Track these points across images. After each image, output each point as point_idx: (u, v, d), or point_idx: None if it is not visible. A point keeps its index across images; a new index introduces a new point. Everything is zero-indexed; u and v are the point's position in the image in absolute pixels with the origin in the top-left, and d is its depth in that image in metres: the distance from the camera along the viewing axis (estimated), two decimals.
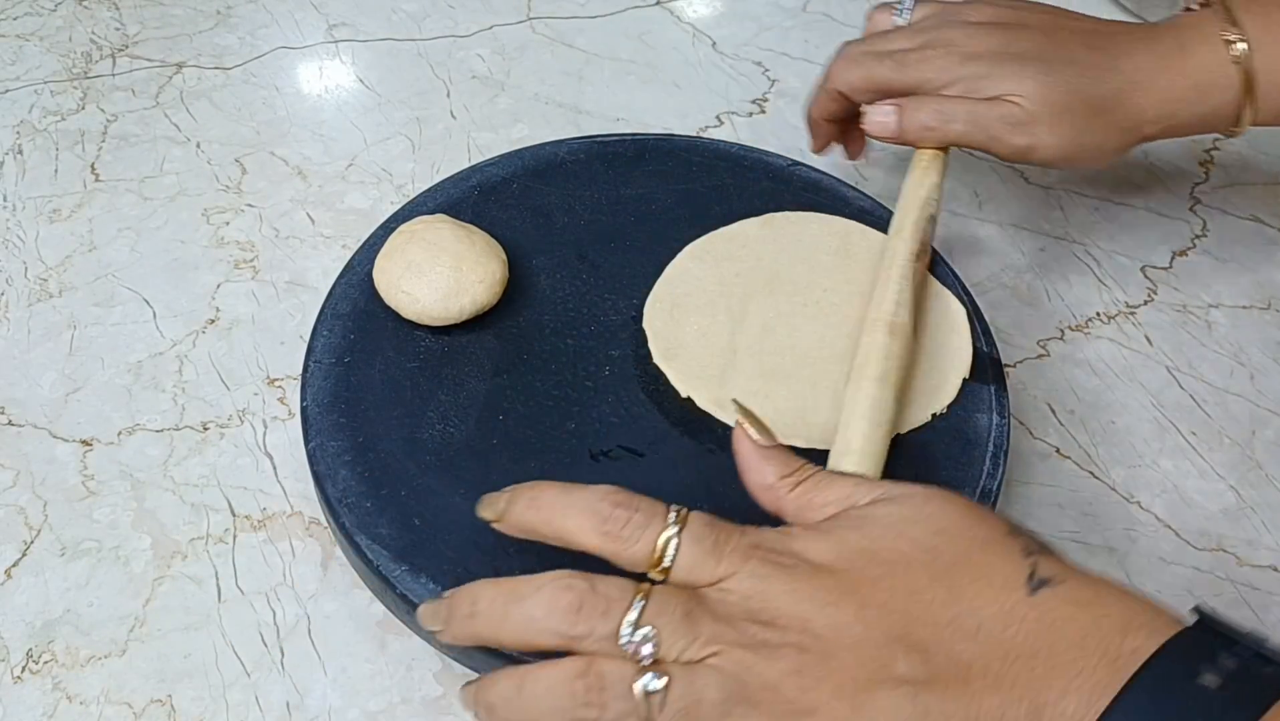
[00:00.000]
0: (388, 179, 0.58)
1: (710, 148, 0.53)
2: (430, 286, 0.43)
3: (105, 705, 0.39)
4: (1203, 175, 0.60)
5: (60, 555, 0.43)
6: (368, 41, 0.67)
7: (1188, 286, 0.55)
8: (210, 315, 0.52)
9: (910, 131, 0.47)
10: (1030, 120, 0.45)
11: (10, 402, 0.48)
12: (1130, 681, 0.26)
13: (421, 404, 0.42)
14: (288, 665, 0.40)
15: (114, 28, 0.68)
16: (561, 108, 0.63)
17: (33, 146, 0.60)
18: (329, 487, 0.39)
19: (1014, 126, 0.45)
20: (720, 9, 0.71)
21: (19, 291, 0.53)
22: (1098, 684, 0.27)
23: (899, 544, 0.31)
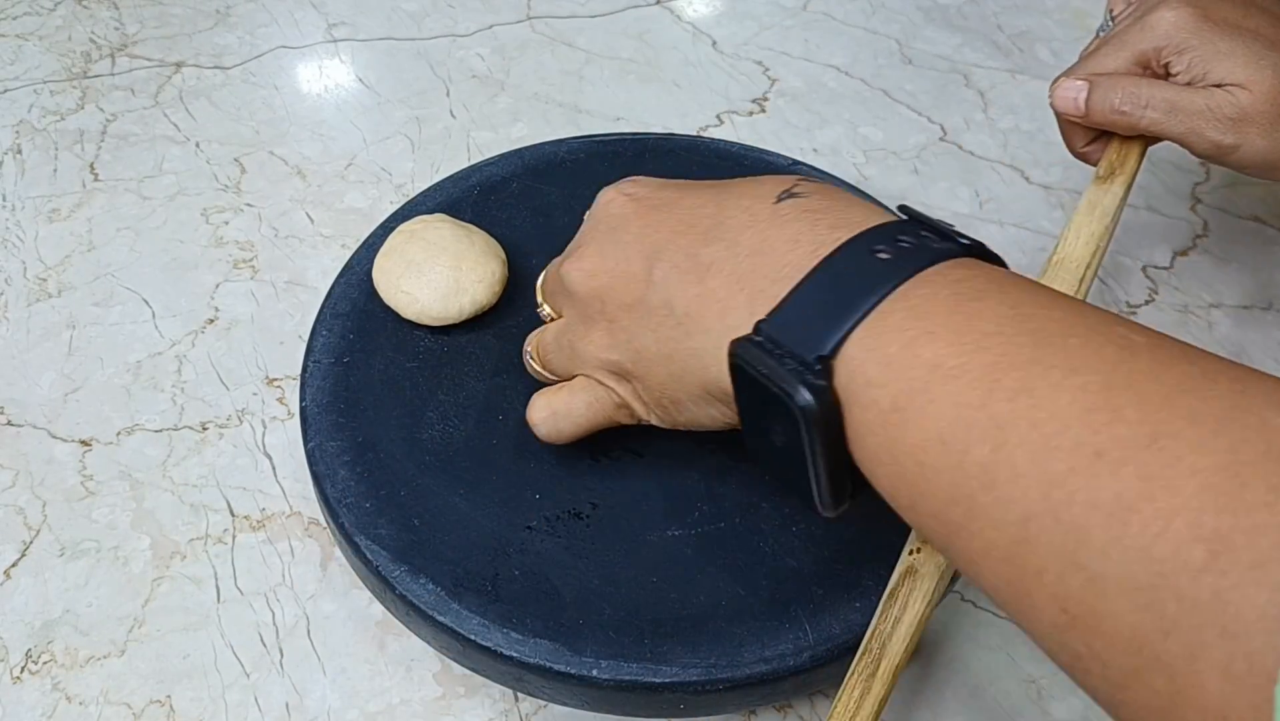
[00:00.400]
0: (387, 178, 0.58)
1: (710, 147, 0.53)
2: (430, 286, 0.43)
3: (104, 705, 0.39)
4: (1204, 175, 0.60)
5: (59, 555, 0.43)
6: (367, 41, 0.67)
7: (1189, 286, 0.55)
8: (209, 315, 0.52)
9: (1097, 113, 0.43)
10: (1243, 117, 0.40)
11: (9, 402, 0.48)
12: (819, 262, 0.29)
13: (421, 404, 0.42)
14: (287, 666, 0.40)
15: (113, 27, 0.67)
16: (561, 107, 0.63)
17: (32, 146, 0.60)
18: (328, 488, 0.39)
19: (1223, 122, 0.41)
20: (720, 8, 0.71)
21: (18, 291, 0.52)
22: (799, 269, 0.30)
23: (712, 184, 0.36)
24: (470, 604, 0.36)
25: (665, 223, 0.34)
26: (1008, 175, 0.60)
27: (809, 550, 0.38)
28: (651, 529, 0.39)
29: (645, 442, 0.41)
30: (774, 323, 0.29)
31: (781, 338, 0.29)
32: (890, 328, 0.27)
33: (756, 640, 0.36)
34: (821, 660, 0.35)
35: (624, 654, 0.35)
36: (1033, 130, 0.63)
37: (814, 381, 0.28)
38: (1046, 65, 0.67)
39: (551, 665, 0.35)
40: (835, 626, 0.36)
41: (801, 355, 0.28)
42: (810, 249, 0.30)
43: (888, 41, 0.69)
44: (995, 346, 0.26)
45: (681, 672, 0.35)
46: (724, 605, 0.37)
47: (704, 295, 0.32)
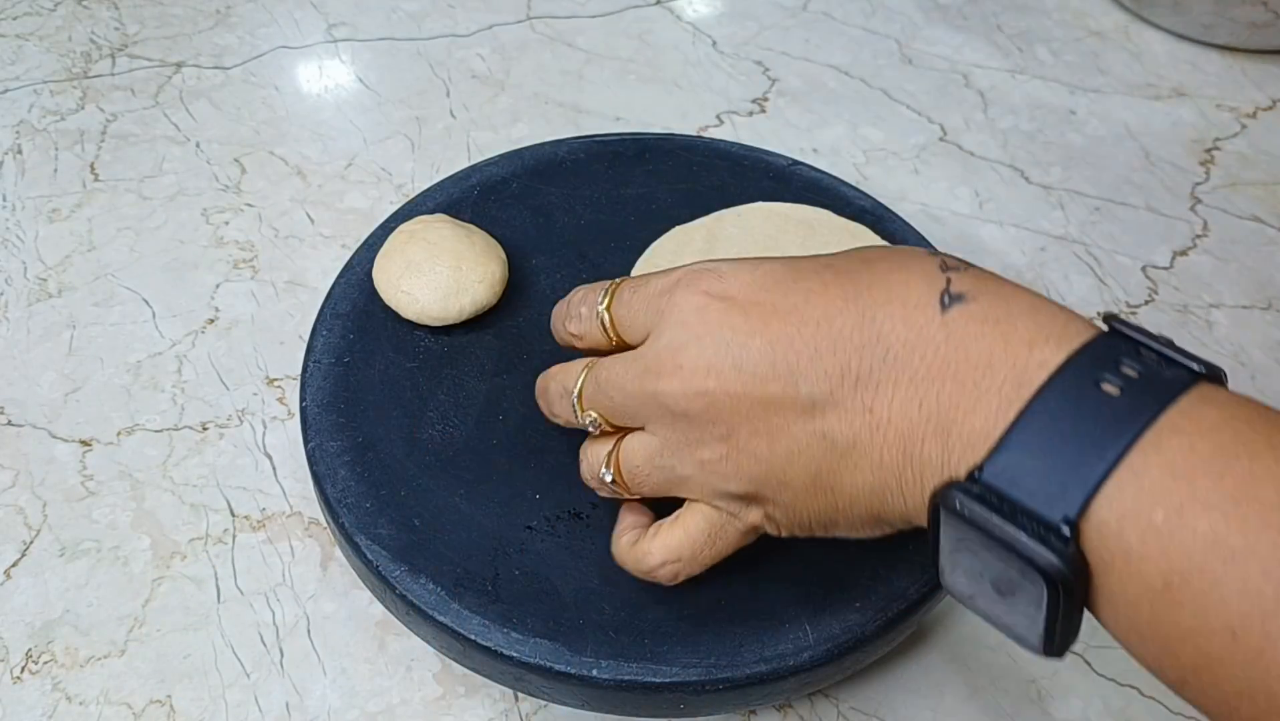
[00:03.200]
0: (387, 178, 0.58)
1: (710, 147, 0.53)
2: (430, 286, 0.43)
3: (105, 705, 0.39)
4: (1203, 175, 0.60)
5: (60, 555, 0.43)
6: (367, 41, 0.67)
7: (1188, 286, 0.55)
8: (209, 315, 0.52)
9: None
10: None
11: (9, 402, 0.48)
12: (1034, 396, 0.26)
13: (421, 404, 0.42)
14: (287, 665, 0.40)
15: (113, 27, 0.67)
16: (561, 107, 0.63)
17: (32, 146, 0.60)
18: (328, 488, 0.39)
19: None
20: (720, 8, 0.71)
21: (18, 291, 0.52)
22: (1004, 400, 0.26)
23: (817, 270, 0.31)
24: (470, 604, 0.36)
25: (800, 338, 0.30)
26: (1008, 175, 0.60)
27: (809, 550, 0.38)
28: None
29: None
30: (994, 472, 0.26)
31: (1010, 491, 0.25)
32: (1148, 489, 0.24)
33: (756, 640, 0.36)
34: (821, 660, 0.35)
35: (624, 654, 0.35)
36: (1033, 130, 0.63)
37: (1061, 548, 0.24)
38: (1046, 65, 0.67)
39: (551, 665, 0.35)
40: (835, 626, 0.36)
41: (1041, 515, 0.25)
42: (1012, 376, 0.27)
43: (888, 41, 0.69)
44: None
45: (681, 672, 0.35)
46: (724, 605, 0.37)
47: (875, 427, 0.29)
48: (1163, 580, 0.24)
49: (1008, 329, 0.28)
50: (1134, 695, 0.40)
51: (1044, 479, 0.25)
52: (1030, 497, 0.25)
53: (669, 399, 0.31)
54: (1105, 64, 0.67)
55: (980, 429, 0.27)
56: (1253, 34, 0.66)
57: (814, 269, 0.32)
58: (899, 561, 0.37)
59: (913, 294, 0.29)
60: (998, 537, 0.25)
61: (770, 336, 0.30)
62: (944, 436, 0.27)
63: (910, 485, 0.29)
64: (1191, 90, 0.66)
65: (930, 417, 0.28)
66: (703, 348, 0.31)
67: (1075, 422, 0.25)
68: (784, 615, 0.36)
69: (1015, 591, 0.26)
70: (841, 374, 0.29)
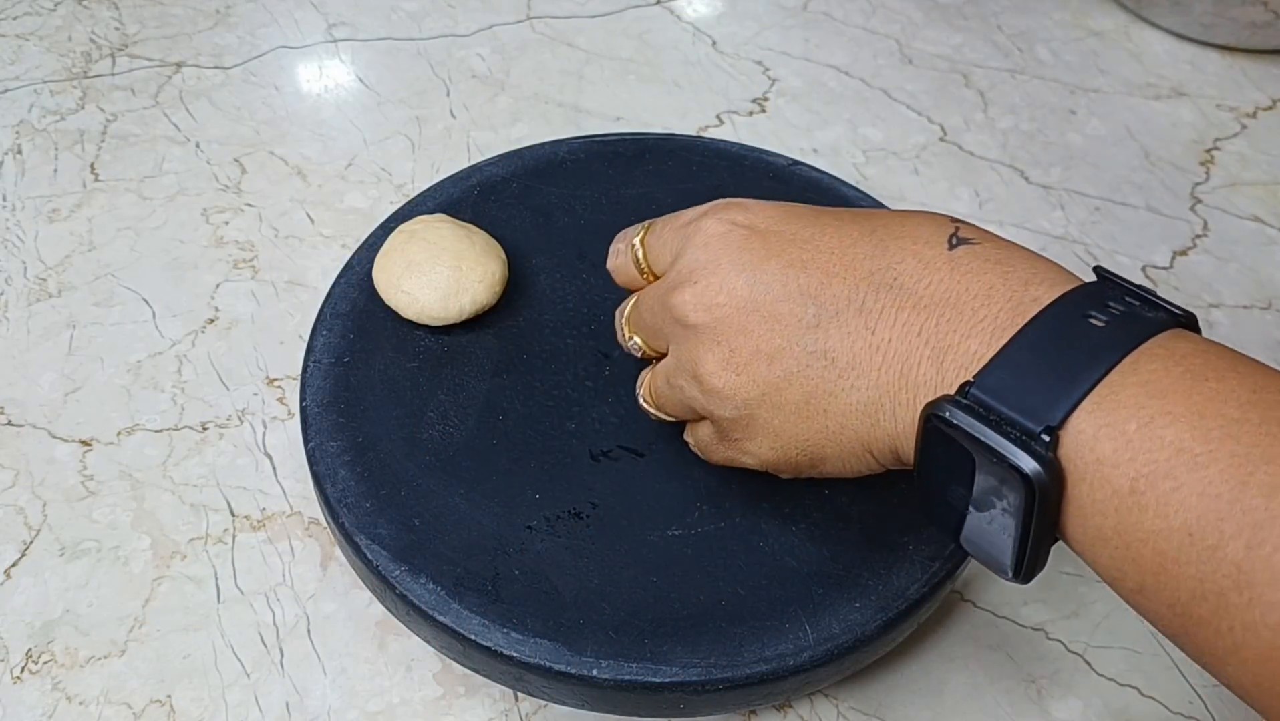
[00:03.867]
0: (387, 178, 0.58)
1: (710, 147, 0.53)
2: (430, 286, 0.43)
3: (105, 705, 0.39)
4: (1203, 175, 0.60)
5: (60, 555, 0.43)
6: (367, 41, 0.67)
7: (1188, 286, 0.55)
8: (209, 315, 0.52)
9: None
10: None
11: (10, 402, 0.48)
12: (1027, 323, 0.28)
13: (421, 404, 0.42)
14: (287, 665, 0.40)
15: (113, 27, 0.67)
16: (561, 107, 0.63)
17: (32, 146, 0.60)
18: (328, 488, 0.39)
19: None
20: (720, 8, 0.71)
21: (18, 291, 0.52)
22: (999, 327, 0.28)
23: (835, 212, 0.34)
24: (470, 603, 0.36)
25: (813, 262, 0.32)
26: (1008, 175, 0.60)
27: (809, 550, 0.38)
28: (651, 529, 0.39)
29: (645, 442, 0.41)
30: (985, 385, 0.28)
31: (998, 404, 0.27)
32: (1124, 403, 0.26)
33: (756, 640, 0.36)
34: (821, 660, 0.35)
35: (624, 654, 0.35)
36: (1033, 130, 0.63)
37: (1041, 452, 0.26)
38: (1046, 65, 0.67)
39: (551, 665, 0.35)
40: (835, 626, 0.36)
41: (1024, 424, 0.27)
42: (1009, 306, 0.29)
43: (888, 41, 0.69)
44: (1244, 435, 0.24)
45: (681, 672, 0.35)
46: (724, 605, 0.37)
47: (875, 346, 0.30)
48: (1130, 485, 0.25)
49: (1007, 269, 0.30)
50: (1134, 695, 0.40)
51: (1029, 394, 0.27)
52: (1015, 409, 0.27)
53: (681, 310, 0.33)
54: (1105, 64, 0.67)
55: (974, 352, 0.29)
56: (1253, 34, 0.66)
57: (833, 211, 0.34)
58: (899, 561, 0.37)
59: (923, 233, 0.32)
60: (983, 444, 0.27)
61: (786, 260, 0.32)
62: (939, 359, 0.29)
63: (903, 406, 0.30)
64: (1191, 90, 0.66)
65: (929, 341, 0.30)
66: (719, 266, 0.33)
67: (1062, 347, 0.27)
68: (784, 615, 0.36)
69: (993, 504, 0.28)
70: (849, 298, 0.31)
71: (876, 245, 0.32)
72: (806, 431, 0.33)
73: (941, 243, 0.31)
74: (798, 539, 0.38)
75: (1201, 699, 0.40)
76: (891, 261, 0.31)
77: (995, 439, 0.27)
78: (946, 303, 0.30)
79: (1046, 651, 0.41)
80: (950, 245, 0.31)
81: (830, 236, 0.33)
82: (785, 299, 0.32)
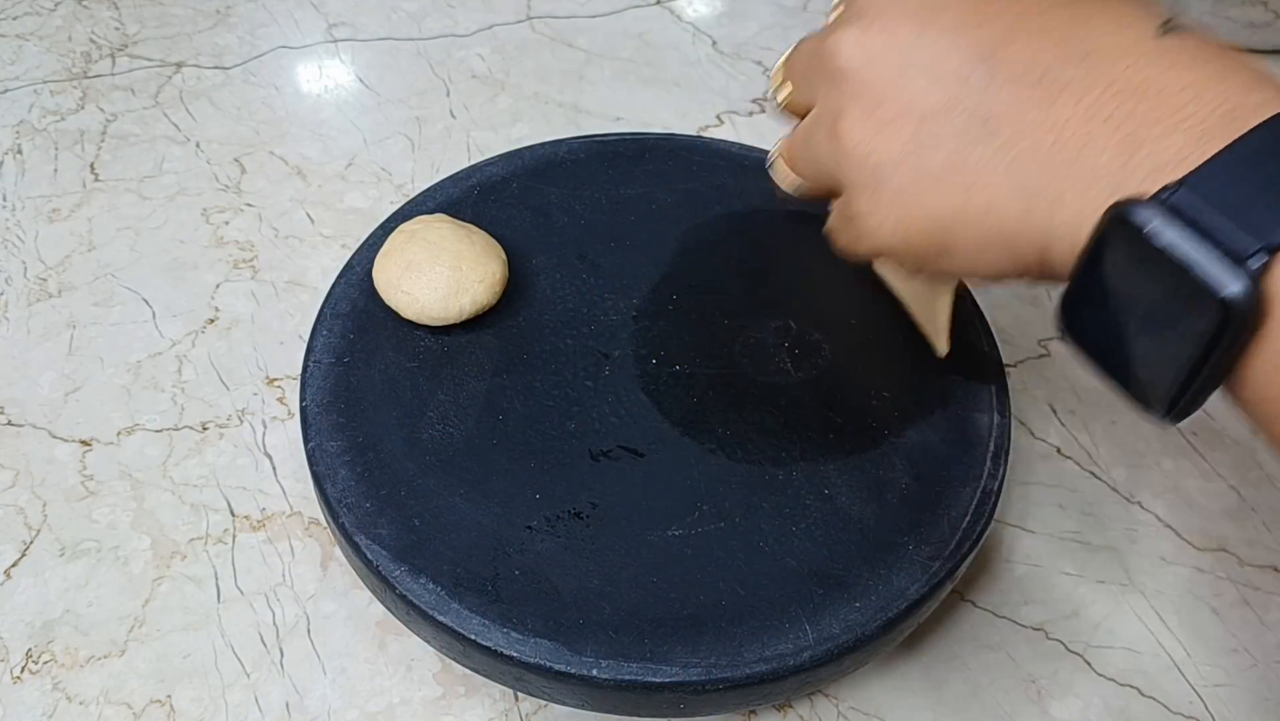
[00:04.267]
0: (387, 178, 0.58)
1: (710, 147, 0.52)
2: (430, 286, 0.43)
3: (105, 705, 0.39)
4: None
5: (60, 555, 0.43)
6: (367, 41, 0.67)
7: None
8: (210, 315, 0.52)
9: None
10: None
11: (10, 402, 0.48)
12: (1249, 131, 0.23)
13: (421, 404, 0.42)
14: (287, 665, 0.40)
15: (113, 27, 0.67)
16: (561, 107, 0.63)
17: (32, 146, 0.60)
18: (328, 488, 0.39)
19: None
20: (720, 8, 0.71)
21: (18, 291, 0.52)
22: (1209, 129, 0.24)
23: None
24: (470, 603, 0.36)
25: (997, 18, 0.28)
26: None
27: (809, 550, 0.38)
28: (651, 529, 0.39)
29: (645, 442, 0.41)
30: (1192, 190, 0.24)
31: (1203, 215, 0.23)
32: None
33: (756, 640, 0.36)
34: (821, 660, 0.35)
35: (624, 653, 0.35)
36: None
37: (1249, 273, 0.23)
38: None
39: (551, 665, 0.35)
40: (835, 626, 0.36)
41: (1233, 241, 0.23)
42: (1224, 108, 0.24)
43: None
44: None
45: (681, 672, 0.35)
46: (724, 605, 0.37)
47: (1049, 123, 0.26)
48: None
49: (1223, 68, 0.25)
50: (1134, 695, 0.40)
51: (1245, 209, 0.23)
52: (1226, 224, 0.23)
53: (835, 47, 0.29)
54: None
55: (1176, 151, 0.24)
56: (1252, 34, 0.66)
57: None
58: (900, 561, 0.37)
59: (1131, 12, 0.27)
60: (1179, 259, 0.23)
61: (962, 12, 0.28)
62: (1130, 152, 0.25)
63: (1073, 193, 0.26)
64: None
65: (1119, 128, 0.25)
66: (888, 6, 0.29)
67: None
68: (784, 615, 0.36)
69: (1171, 327, 0.24)
70: (1031, 62, 0.27)
71: (1074, 14, 0.27)
72: (943, 207, 0.28)
73: (1151, 26, 0.26)
74: (798, 539, 0.38)
75: (1201, 699, 0.40)
76: (1088, 33, 0.27)
77: (1192, 252, 0.23)
78: (1148, 91, 0.25)
79: (1046, 651, 0.41)
80: (1161, 31, 0.26)
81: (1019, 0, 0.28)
82: (953, 53, 0.28)
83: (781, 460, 0.40)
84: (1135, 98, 0.25)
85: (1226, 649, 0.42)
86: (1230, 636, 0.42)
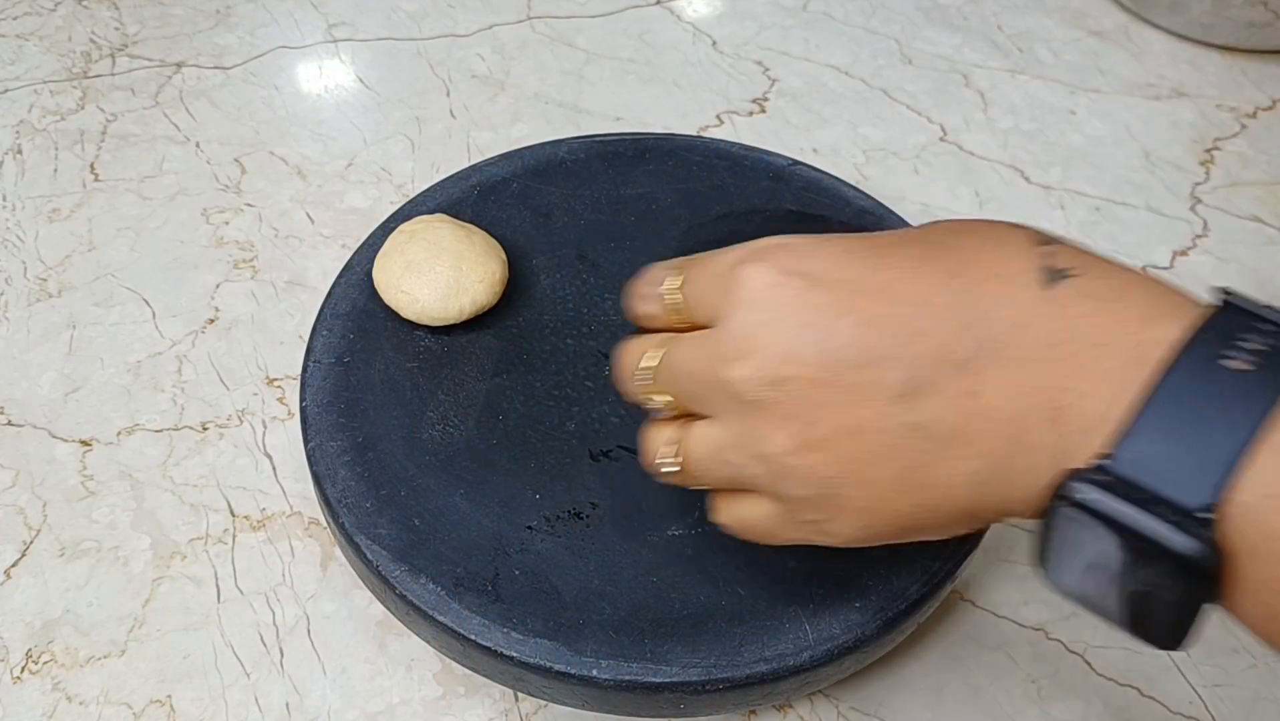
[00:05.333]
0: (387, 178, 0.58)
1: (710, 147, 0.53)
2: (430, 286, 0.43)
3: (105, 705, 0.39)
4: (1203, 175, 0.60)
5: (60, 555, 0.43)
6: (367, 41, 0.67)
7: (1189, 286, 0.54)
8: (210, 315, 0.52)
9: None
10: None
11: (10, 402, 0.48)
12: (1159, 376, 0.25)
13: (421, 404, 0.42)
14: (287, 665, 0.40)
15: (113, 27, 0.67)
16: (561, 107, 0.63)
17: (32, 146, 0.60)
18: (328, 488, 0.39)
19: None
20: (720, 8, 0.71)
21: (18, 291, 0.52)
22: (1123, 382, 0.25)
23: (903, 244, 0.29)
24: (470, 603, 0.36)
25: (892, 317, 0.28)
26: (1008, 175, 0.60)
27: (809, 550, 0.38)
28: (651, 529, 0.39)
29: None
30: (1126, 459, 0.24)
31: (1143, 480, 0.24)
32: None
33: (756, 640, 0.36)
34: (821, 660, 0.35)
35: (624, 654, 0.35)
36: (1033, 130, 0.63)
37: (1199, 532, 0.23)
38: (1046, 65, 0.67)
39: (551, 665, 0.35)
40: (835, 626, 0.36)
41: (1179, 501, 0.24)
42: (1130, 355, 0.25)
43: (888, 41, 0.69)
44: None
45: (681, 672, 0.35)
46: (724, 605, 0.37)
47: (979, 411, 0.27)
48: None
49: (1117, 305, 0.26)
50: (1134, 695, 0.40)
51: (1179, 464, 0.24)
52: (1166, 485, 0.24)
53: (739, 386, 0.29)
54: (1105, 64, 0.67)
55: (1098, 412, 0.25)
56: (1252, 34, 0.66)
57: (899, 243, 0.30)
58: (899, 561, 0.37)
59: (1014, 269, 0.27)
60: (1131, 530, 0.24)
61: (860, 317, 0.28)
62: (1057, 422, 0.26)
63: (1020, 473, 0.27)
64: (1191, 90, 0.66)
65: (1041, 402, 0.26)
66: (779, 330, 0.28)
67: (1205, 402, 0.24)
68: (784, 615, 0.36)
69: (1145, 585, 0.25)
70: (941, 357, 0.27)
71: (961, 291, 0.28)
72: (903, 506, 0.29)
73: (1032, 278, 0.27)
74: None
75: (1201, 699, 0.40)
76: (983, 311, 0.27)
77: (1149, 525, 0.24)
78: (1055, 355, 0.26)
79: (1046, 651, 0.41)
80: (1047, 280, 0.27)
81: (907, 285, 0.28)
82: (866, 365, 0.27)
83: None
84: (1047, 364, 0.26)
85: (1226, 649, 0.42)
86: (1230, 636, 0.42)
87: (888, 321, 0.28)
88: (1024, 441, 0.27)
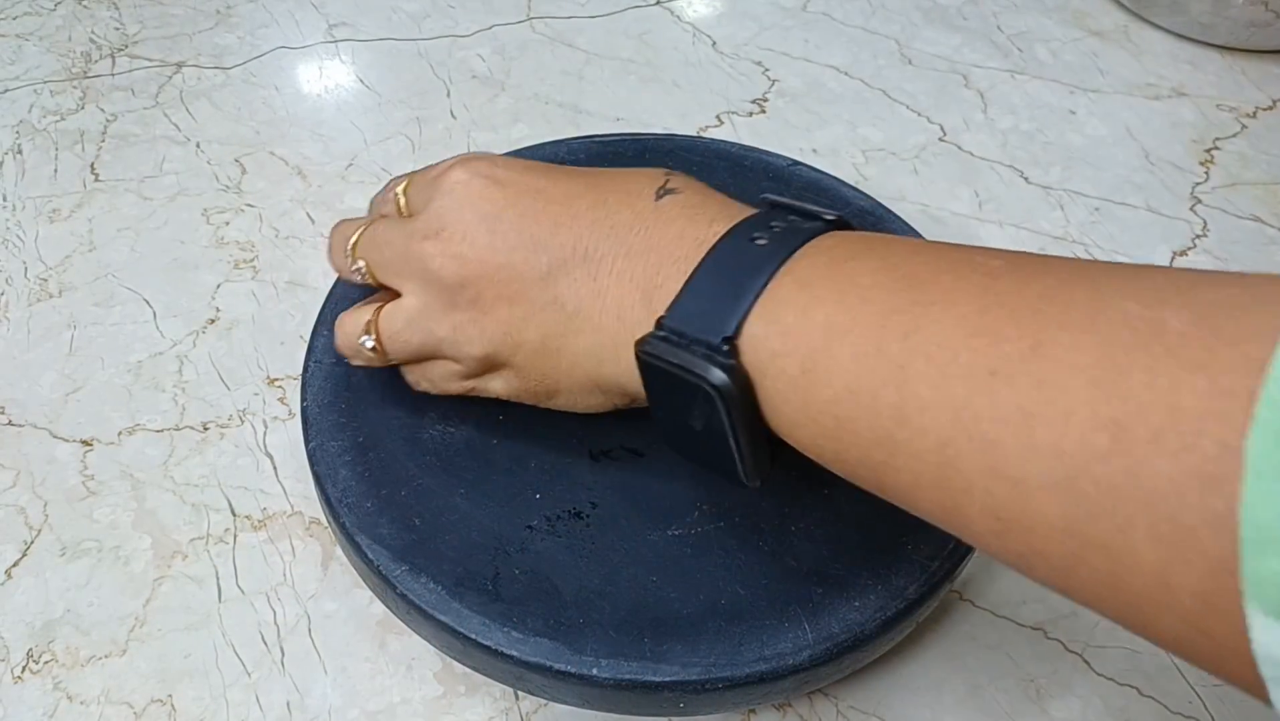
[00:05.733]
0: (388, 179, 0.58)
1: (710, 148, 0.53)
2: None
3: (105, 705, 0.39)
4: (1203, 175, 0.60)
5: (60, 555, 0.43)
6: (367, 41, 0.67)
7: None
8: (210, 315, 0.52)
9: None
10: None
11: (10, 402, 0.48)
12: (705, 255, 0.31)
13: (421, 404, 0.42)
14: (288, 665, 0.40)
15: (114, 27, 0.67)
16: (561, 108, 0.63)
17: (32, 146, 0.60)
18: (329, 488, 0.39)
19: None
20: (720, 9, 0.71)
21: (19, 291, 0.53)
22: (688, 263, 0.32)
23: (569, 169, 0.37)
24: (471, 603, 0.36)
25: (544, 212, 0.35)
26: (1007, 175, 0.60)
27: (808, 550, 0.38)
28: (651, 529, 0.39)
29: (645, 442, 0.41)
30: (674, 315, 0.31)
31: (685, 328, 0.31)
32: (782, 301, 0.30)
33: (756, 640, 0.36)
34: (821, 660, 0.35)
35: (624, 653, 0.35)
36: (1032, 130, 0.63)
37: (724, 361, 0.30)
38: (1046, 65, 0.67)
39: (552, 664, 0.35)
40: (835, 626, 0.36)
41: (707, 340, 0.30)
42: (695, 243, 0.32)
43: (887, 42, 0.69)
44: (877, 298, 0.28)
45: (681, 672, 0.35)
46: (724, 605, 0.37)
47: (597, 293, 0.34)
48: (799, 366, 0.29)
49: (699, 213, 0.33)
50: (1134, 695, 0.40)
51: (710, 314, 0.30)
52: (700, 329, 0.30)
53: (429, 260, 0.35)
54: (1105, 64, 0.67)
55: (672, 289, 0.32)
56: (1252, 34, 0.66)
57: (573, 170, 0.37)
58: (899, 561, 0.37)
59: (638, 186, 0.35)
60: (677, 366, 0.30)
61: (520, 210, 0.35)
62: (648, 301, 0.32)
63: (624, 346, 0.33)
64: (1191, 90, 0.66)
65: (639, 285, 0.33)
66: (463, 215, 0.35)
67: (733, 268, 0.31)
68: (784, 615, 0.36)
69: (704, 419, 0.31)
70: (574, 247, 0.34)
71: (597, 198, 0.35)
72: (544, 368, 0.36)
73: (650, 194, 0.34)
74: (798, 539, 0.38)
75: (1201, 699, 0.40)
76: (609, 212, 0.34)
77: (686, 358, 0.30)
78: (651, 248, 0.33)
79: (1046, 651, 0.41)
80: (658, 196, 0.34)
81: (560, 187, 0.35)
82: (520, 247, 0.34)
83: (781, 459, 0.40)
84: (645, 256, 0.33)
85: None
86: None
87: (542, 216, 0.35)
88: (626, 319, 0.33)
